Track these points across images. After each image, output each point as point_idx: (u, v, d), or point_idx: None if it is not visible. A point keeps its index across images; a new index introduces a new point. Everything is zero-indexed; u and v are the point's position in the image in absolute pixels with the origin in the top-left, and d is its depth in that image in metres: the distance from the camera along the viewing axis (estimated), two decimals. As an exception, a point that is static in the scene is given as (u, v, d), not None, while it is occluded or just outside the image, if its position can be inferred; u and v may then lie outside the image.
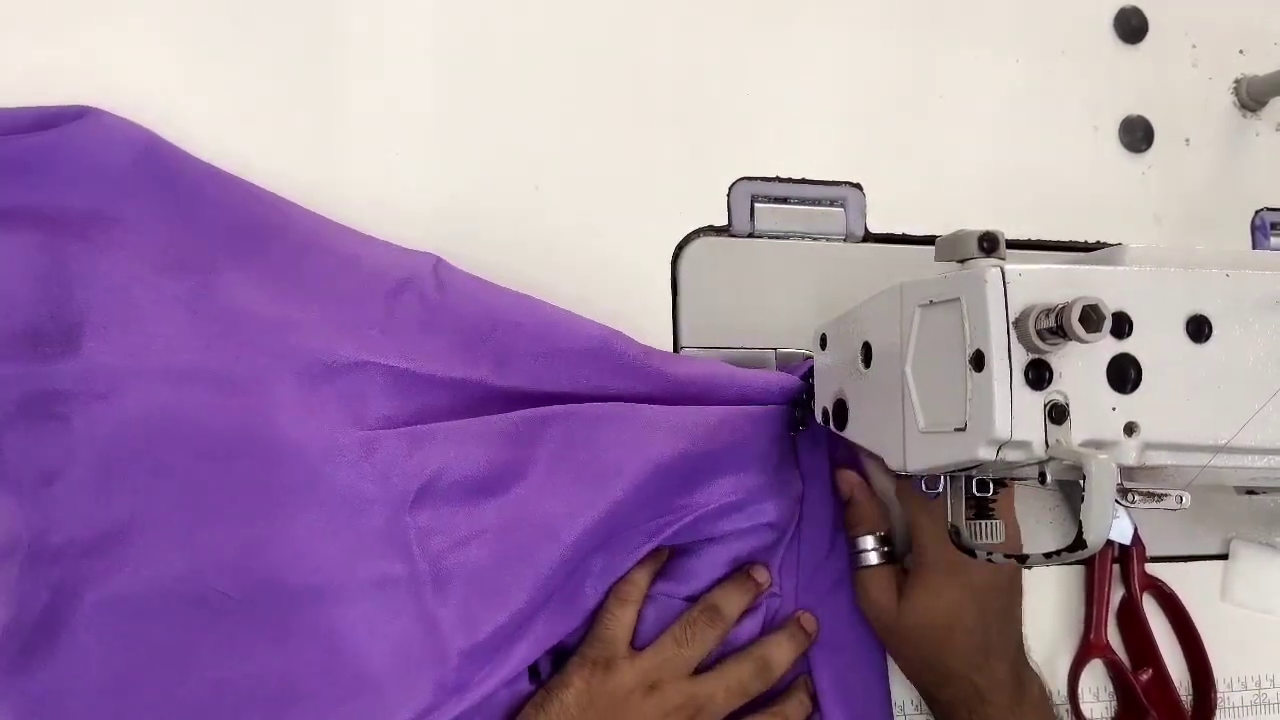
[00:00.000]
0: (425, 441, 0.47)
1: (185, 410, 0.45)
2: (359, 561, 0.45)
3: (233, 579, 0.44)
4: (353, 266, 0.49)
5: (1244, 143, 0.65)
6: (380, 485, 0.46)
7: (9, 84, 0.49)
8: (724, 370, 0.52)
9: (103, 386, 0.44)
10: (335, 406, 0.47)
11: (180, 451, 0.45)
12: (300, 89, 0.52)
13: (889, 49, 0.60)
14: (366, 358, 0.47)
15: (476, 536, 0.48)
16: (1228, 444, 0.37)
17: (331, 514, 0.45)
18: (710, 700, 0.50)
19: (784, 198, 0.58)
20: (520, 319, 0.50)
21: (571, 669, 0.49)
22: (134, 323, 0.45)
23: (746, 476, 0.52)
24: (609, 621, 0.50)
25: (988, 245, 0.38)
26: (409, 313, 0.49)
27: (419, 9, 0.54)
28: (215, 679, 0.45)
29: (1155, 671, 0.58)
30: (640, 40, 0.57)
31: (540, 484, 0.49)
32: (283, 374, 0.46)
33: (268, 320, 0.47)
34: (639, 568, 0.51)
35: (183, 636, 0.44)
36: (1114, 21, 0.64)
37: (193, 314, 0.46)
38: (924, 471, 0.41)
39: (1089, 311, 0.34)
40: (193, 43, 0.51)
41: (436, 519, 0.47)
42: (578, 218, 0.55)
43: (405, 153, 0.53)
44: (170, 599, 0.44)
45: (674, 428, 0.50)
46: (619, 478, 0.49)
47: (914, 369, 0.40)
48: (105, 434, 0.44)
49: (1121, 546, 0.59)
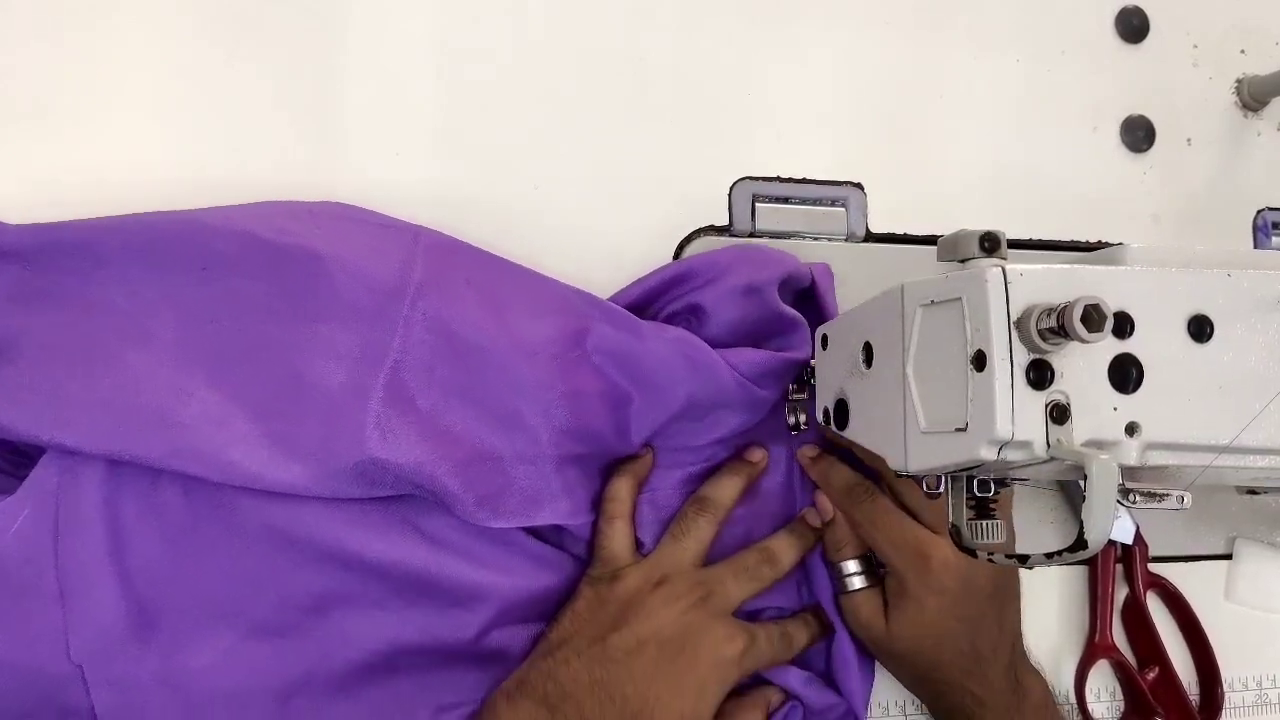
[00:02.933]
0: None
1: None
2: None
3: None
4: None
5: (1245, 143, 0.65)
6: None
7: (6, 89, 0.49)
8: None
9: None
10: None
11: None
12: (299, 88, 0.53)
13: (889, 49, 0.60)
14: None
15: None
16: (1230, 444, 0.37)
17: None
18: (719, 584, 0.50)
19: (785, 197, 0.58)
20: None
21: (580, 587, 0.50)
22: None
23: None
24: (603, 541, 0.51)
25: (989, 245, 0.38)
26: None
27: (419, 8, 0.54)
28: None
29: (1162, 670, 0.58)
30: (641, 40, 0.57)
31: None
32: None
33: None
34: (618, 480, 0.51)
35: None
36: (1115, 21, 0.64)
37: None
38: (925, 471, 0.41)
39: (1090, 311, 0.34)
40: (191, 44, 0.52)
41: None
42: (578, 217, 0.55)
43: (405, 152, 0.53)
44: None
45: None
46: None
47: (915, 369, 0.40)
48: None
49: (1124, 546, 0.59)
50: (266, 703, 0.46)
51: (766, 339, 0.53)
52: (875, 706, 0.55)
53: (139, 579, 0.45)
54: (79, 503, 0.44)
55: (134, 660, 0.44)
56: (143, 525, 0.45)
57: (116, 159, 0.50)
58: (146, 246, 0.46)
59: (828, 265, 0.56)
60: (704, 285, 0.52)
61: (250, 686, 0.46)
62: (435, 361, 0.47)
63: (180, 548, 0.45)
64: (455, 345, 0.48)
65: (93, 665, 0.44)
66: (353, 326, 0.47)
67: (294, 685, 0.46)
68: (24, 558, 0.43)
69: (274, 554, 0.46)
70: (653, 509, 0.52)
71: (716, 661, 0.48)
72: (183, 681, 0.45)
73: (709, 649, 0.48)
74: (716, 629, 0.49)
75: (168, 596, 0.45)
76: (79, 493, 0.44)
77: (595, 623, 0.48)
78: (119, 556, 0.44)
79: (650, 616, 0.48)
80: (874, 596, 0.52)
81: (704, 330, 0.52)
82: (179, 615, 0.45)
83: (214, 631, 0.45)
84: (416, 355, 0.47)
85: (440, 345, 0.47)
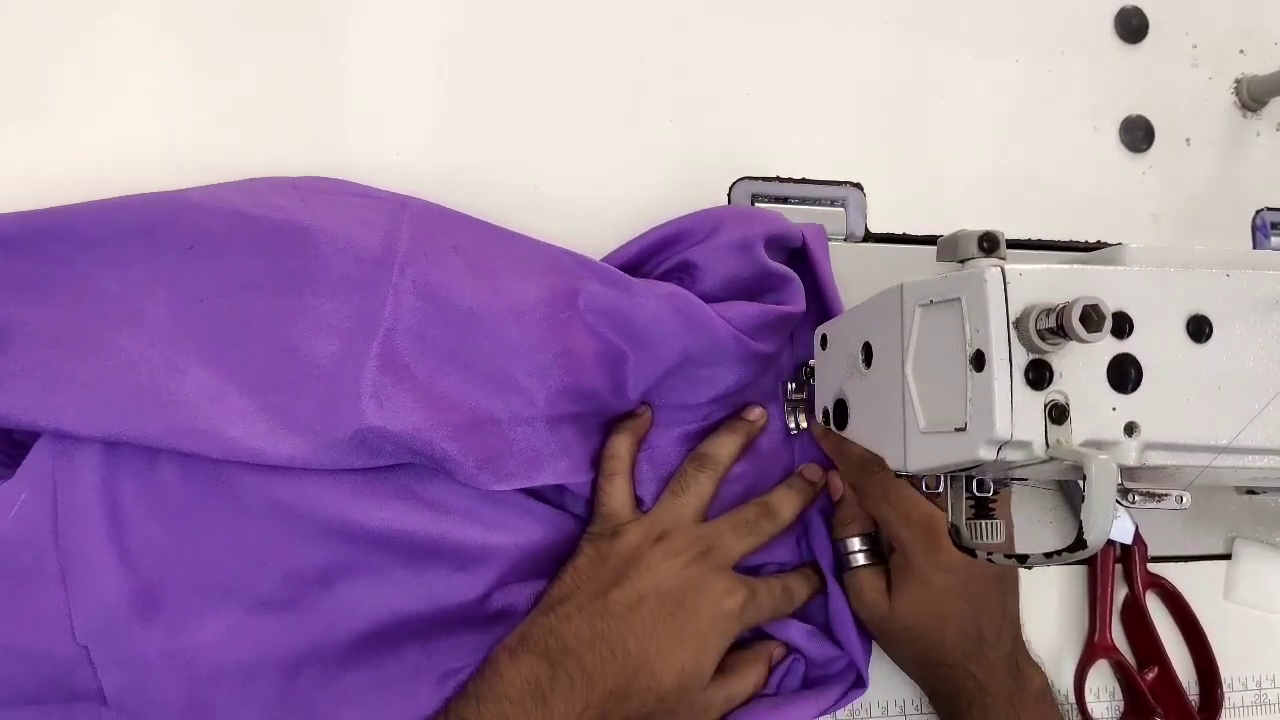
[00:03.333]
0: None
1: None
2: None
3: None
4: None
5: (1244, 143, 0.65)
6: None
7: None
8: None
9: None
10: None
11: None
12: (298, 89, 0.53)
13: (889, 49, 0.60)
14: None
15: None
16: (1229, 444, 0.37)
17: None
18: (719, 538, 0.50)
19: (784, 197, 0.58)
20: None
21: (581, 544, 0.50)
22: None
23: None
24: (603, 499, 0.51)
25: (988, 245, 0.38)
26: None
27: (419, 8, 0.54)
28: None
29: (1161, 670, 0.58)
30: (641, 40, 0.57)
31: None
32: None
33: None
34: (617, 438, 0.51)
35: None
36: (1114, 21, 0.64)
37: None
38: (925, 471, 0.41)
39: (1089, 311, 0.34)
40: (192, 37, 0.52)
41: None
42: (578, 217, 0.55)
43: (405, 152, 0.53)
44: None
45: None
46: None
47: (914, 369, 0.40)
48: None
49: (1123, 546, 0.59)
50: (273, 676, 0.46)
51: (760, 294, 0.53)
52: (875, 706, 0.55)
53: (141, 558, 0.45)
54: (76, 484, 0.44)
55: (139, 639, 0.44)
56: (142, 505, 0.45)
57: (116, 157, 0.50)
58: (133, 227, 0.46)
59: (822, 227, 0.56)
60: (696, 243, 0.52)
61: (257, 660, 0.45)
62: (427, 327, 0.47)
63: (181, 525, 0.45)
64: (445, 310, 0.47)
65: (98, 645, 0.44)
66: (342, 297, 0.47)
67: (301, 658, 0.46)
68: (24, 541, 0.43)
69: (276, 528, 0.45)
70: (651, 466, 0.52)
71: (717, 615, 0.49)
72: (189, 658, 0.45)
73: (709, 603, 0.49)
74: (716, 583, 0.49)
75: (170, 574, 0.45)
76: (76, 475, 0.44)
77: (596, 578, 0.48)
78: (119, 537, 0.44)
79: (650, 571, 0.48)
80: (878, 575, 0.52)
81: (697, 286, 0.52)
82: (183, 592, 0.45)
83: (219, 607, 0.45)
84: (408, 322, 0.47)
85: (431, 311, 0.47)
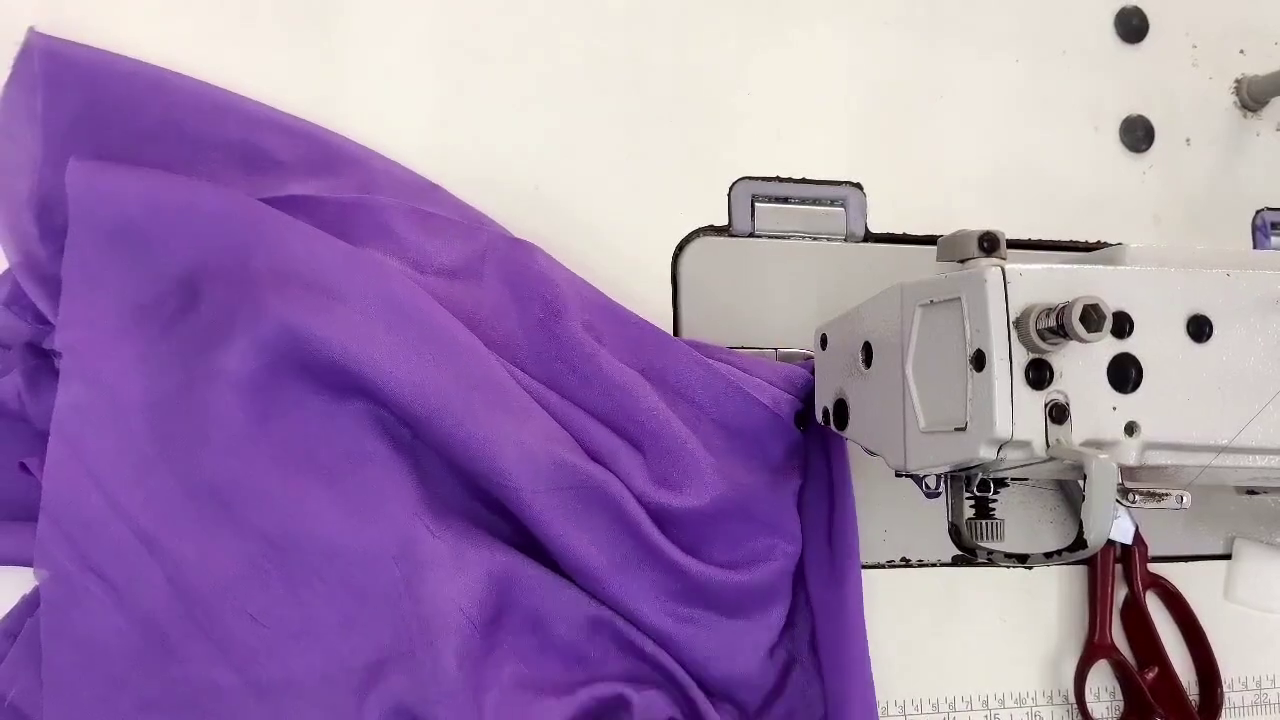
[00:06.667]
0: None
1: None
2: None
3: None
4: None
5: (1244, 143, 0.65)
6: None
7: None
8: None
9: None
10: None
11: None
12: (298, 89, 0.52)
13: (889, 49, 0.60)
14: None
15: None
16: (1229, 444, 0.37)
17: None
18: None
19: (784, 197, 0.58)
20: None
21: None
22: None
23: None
24: None
25: (988, 245, 0.38)
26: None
27: (419, 9, 0.54)
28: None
29: (1161, 670, 0.58)
30: (641, 40, 0.57)
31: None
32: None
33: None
34: None
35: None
36: (1114, 21, 0.64)
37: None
38: (925, 471, 0.41)
39: (1090, 311, 0.34)
40: (192, 36, 0.52)
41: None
42: (578, 217, 0.55)
43: (405, 153, 0.53)
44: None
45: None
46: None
47: (914, 369, 0.40)
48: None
49: (1123, 546, 0.59)
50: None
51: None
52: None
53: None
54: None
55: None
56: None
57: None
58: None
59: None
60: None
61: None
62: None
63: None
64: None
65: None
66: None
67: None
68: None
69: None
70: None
71: None
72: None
73: None
74: None
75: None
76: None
77: None
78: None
79: None
80: None
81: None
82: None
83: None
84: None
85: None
